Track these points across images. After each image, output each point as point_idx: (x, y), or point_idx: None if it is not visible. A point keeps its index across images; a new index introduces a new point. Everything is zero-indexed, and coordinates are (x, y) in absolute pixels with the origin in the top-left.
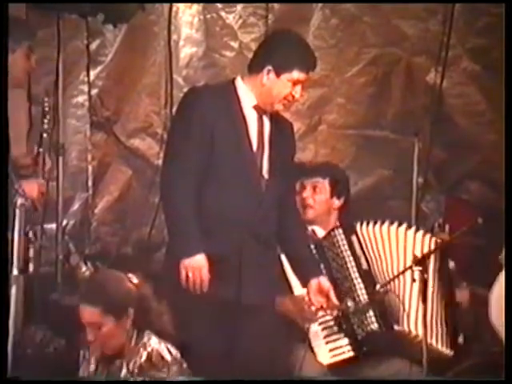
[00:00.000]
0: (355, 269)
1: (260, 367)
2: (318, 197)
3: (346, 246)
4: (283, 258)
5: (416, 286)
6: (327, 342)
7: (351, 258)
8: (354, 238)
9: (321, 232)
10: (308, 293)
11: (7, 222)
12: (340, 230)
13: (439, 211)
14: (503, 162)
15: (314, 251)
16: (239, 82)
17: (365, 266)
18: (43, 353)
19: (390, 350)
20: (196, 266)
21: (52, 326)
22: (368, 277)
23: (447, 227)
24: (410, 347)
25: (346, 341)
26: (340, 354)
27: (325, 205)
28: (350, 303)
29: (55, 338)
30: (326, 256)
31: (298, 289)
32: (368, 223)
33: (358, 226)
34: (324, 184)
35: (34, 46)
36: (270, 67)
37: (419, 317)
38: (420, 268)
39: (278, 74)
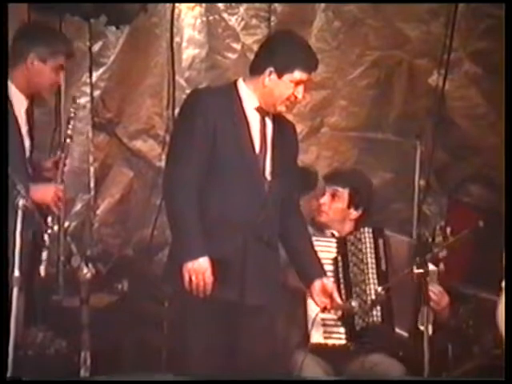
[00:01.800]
0: (374, 265)
1: (261, 368)
2: (334, 205)
3: (372, 245)
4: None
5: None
6: (324, 325)
7: (373, 256)
8: (380, 240)
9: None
10: (311, 294)
11: (7, 223)
12: (370, 229)
13: (441, 214)
14: (503, 164)
15: (335, 245)
16: (241, 84)
17: (383, 268)
18: (44, 354)
19: (385, 349)
20: (199, 268)
21: (53, 327)
22: (383, 278)
23: (449, 230)
24: (407, 350)
25: (342, 329)
26: (332, 338)
27: (340, 213)
28: (354, 303)
29: (56, 339)
30: (347, 249)
31: None
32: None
33: (386, 231)
34: (343, 193)
35: (68, 64)
36: (271, 68)
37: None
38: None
39: (279, 75)
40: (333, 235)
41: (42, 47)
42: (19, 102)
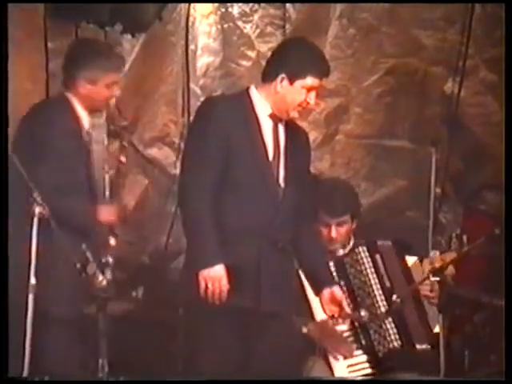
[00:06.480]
0: (379, 286)
1: (276, 374)
2: (342, 229)
3: (371, 264)
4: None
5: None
6: (345, 358)
7: (375, 276)
8: (377, 256)
9: (340, 251)
10: (321, 302)
11: (7, 225)
12: (364, 248)
13: (457, 221)
14: (503, 166)
15: (333, 268)
16: (253, 91)
17: (388, 284)
18: (62, 360)
19: (409, 368)
20: (215, 276)
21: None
22: (391, 296)
23: (465, 237)
24: (429, 363)
25: (364, 357)
26: (358, 370)
27: (346, 235)
28: (363, 313)
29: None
30: (347, 273)
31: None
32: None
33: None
34: (347, 218)
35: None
36: (283, 75)
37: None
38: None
39: (291, 81)
40: (331, 254)
41: (89, 71)
42: (84, 120)
